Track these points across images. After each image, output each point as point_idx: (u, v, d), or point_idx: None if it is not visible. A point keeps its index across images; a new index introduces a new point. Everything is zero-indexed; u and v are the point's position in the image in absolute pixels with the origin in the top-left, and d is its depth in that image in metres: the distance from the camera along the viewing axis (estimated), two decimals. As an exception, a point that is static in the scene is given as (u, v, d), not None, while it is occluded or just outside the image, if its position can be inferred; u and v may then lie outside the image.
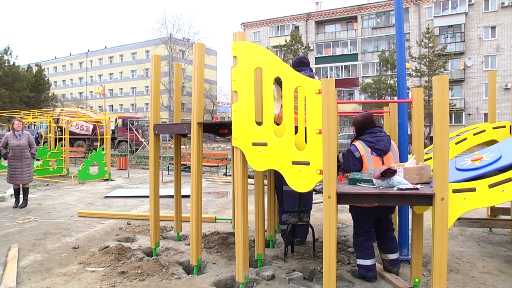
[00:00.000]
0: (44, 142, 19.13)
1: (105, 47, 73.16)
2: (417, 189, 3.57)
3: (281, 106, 4.39)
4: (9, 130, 8.89)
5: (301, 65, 5.26)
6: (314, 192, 8.32)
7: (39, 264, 5.09)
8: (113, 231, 6.71)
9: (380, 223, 4.58)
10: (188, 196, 7.77)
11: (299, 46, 45.13)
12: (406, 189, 3.56)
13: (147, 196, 6.40)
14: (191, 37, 57.62)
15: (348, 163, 4.42)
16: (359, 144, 4.44)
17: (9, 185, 11.49)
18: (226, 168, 15.99)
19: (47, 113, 20.92)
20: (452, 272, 4.72)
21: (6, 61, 44.62)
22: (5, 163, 7.26)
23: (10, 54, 45.38)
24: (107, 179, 13.78)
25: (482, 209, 7.25)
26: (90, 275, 4.66)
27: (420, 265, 4.21)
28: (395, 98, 34.86)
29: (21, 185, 8.82)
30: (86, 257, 5.30)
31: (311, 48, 48.96)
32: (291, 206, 5.00)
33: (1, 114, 20.44)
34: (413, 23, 44.60)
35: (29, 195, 9.13)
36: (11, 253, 5.40)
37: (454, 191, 3.52)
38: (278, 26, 53.36)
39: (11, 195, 9.53)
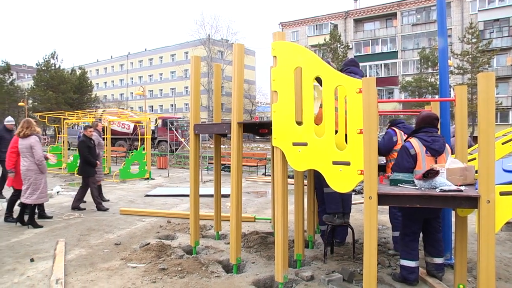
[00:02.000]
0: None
1: (145, 50, 74.84)
2: (460, 190, 3.46)
3: (320, 106, 4.36)
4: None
5: (354, 64, 5.38)
6: (353, 193, 8.21)
7: (83, 258, 5.30)
8: (153, 228, 6.86)
9: (430, 223, 4.46)
10: (227, 196, 7.84)
11: (338, 45, 44.57)
12: (449, 190, 3.46)
13: (187, 195, 6.50)
14: (229, 37, 58.18)
15: (402, 160, 4.30)
16: (414, 141, 4.32)
17: (54, 183, 12.00)
18: (265, 168, 16.01)
19: (89, 113, 21.61)
20: (501, 280, 4.52)
21: (53, 65, 46.50)
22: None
23: (56, 58, 47.31)
24: (148, 178, 14.09)
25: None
26: (132, 270, 4.79)
27: (464, 271, 4.07)
28: (436, 96, 33.90)
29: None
30: (127, 253, 5.46)
31: (350, 46, 48.27)
32: (335, 207, 4.94)
33: (48, 115, 21.26)
34: (455, 18, 43.14)
35: (73, 193, 9.55)
36: (58, 247, 5.68)
37: (502, 193, 3.37)
38: (316, 25, 52.96)
39: (58, 192, 9.92)
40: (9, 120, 9.61)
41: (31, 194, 6.82)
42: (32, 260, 5.18)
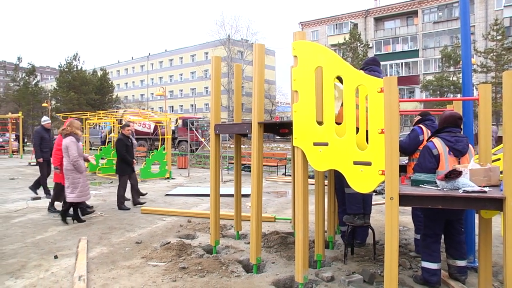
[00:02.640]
0: (108, 142, 20.04)
1: (165, 50, 75.55)
2: (484, 192, 3.39)
3: (341, 105, 4.34)
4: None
5: (375, 63, 5.32)
6: (374, 194, 8.13)
7: (105, 256, 5.38)
8: (174, 228, 6.92)
9: (452, 225, 4.37)
10: (247, 196, 7.85)
11: (358, 44, 44.18)
12: (473, 191, 3.39)
13: (207, 195, 6.54)
14: (249, 38, 58.27)
15: (424, 160, 4.25)
16: (437, 141, 4.26)
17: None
18: (285, 168, 15.96)
19: (111, 114, 21.91)
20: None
21: (75, 67, 47.37)
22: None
23: (78, 59, 48.17)
24: (168, 178, 14.22)
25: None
26: (152, 269, 4.85)
27: (489, 275, 3.98)
28: (458, 95, 33.28)
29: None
30: (148, 252, 5.52)
31: (370, 45, 47.77)
32: (356, 208, 4.92)
33: (70, 116, 21.62)
34: (478, 15, 42.19)
35: (95, 192, 9.70)
36: (81, 245, 5.79)
37: (529, 195, 3.30)
38: (336, 24, 52.65)
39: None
40: (45, 120, 9.87)
41: (71, 192, 7.13)
42: (56, 257, 5.29)
